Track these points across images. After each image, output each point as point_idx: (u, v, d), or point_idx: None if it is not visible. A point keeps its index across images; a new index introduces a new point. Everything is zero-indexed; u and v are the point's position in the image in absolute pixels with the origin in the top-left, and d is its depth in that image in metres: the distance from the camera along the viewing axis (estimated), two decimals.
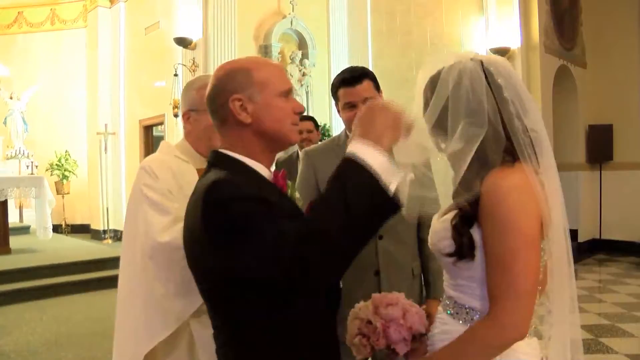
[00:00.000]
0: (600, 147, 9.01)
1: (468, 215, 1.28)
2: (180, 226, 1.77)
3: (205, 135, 1.97)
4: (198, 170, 1.97)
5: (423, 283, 2.34)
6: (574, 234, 8.47)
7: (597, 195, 9.06)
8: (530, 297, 1.24)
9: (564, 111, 8.68)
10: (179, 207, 1.83)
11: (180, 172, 1.94)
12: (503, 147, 1.27)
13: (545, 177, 1.28)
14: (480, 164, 1.28)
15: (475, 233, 1.28)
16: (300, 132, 4.07)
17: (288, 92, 1.33)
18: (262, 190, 1.19)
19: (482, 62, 1.32)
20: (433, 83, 1.35)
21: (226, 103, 1.28)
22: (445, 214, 1.40)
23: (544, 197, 1.25)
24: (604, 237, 9.08)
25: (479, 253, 1.28)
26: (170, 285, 1.76)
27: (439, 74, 1.35)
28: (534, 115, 1.30)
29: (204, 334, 1.78)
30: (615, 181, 8.96)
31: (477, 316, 1.30)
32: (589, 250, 8.78)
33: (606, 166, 9.07)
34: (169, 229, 1.77)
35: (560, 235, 1.29)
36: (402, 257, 2.22)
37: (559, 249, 1.30)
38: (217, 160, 1.31)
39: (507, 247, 1.22)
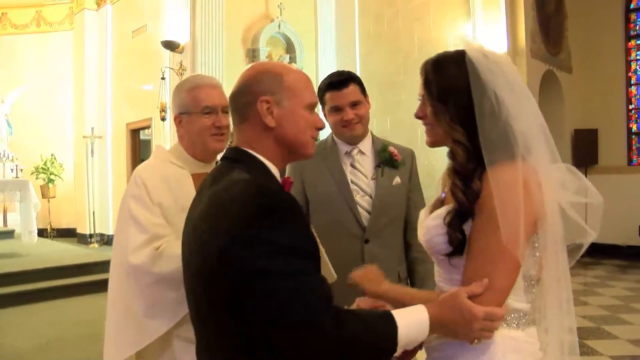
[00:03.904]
0: (585, 151, 9.14)
1: (465, 211, 1.29)
2: (152, 247, 1.74)
3: (199, 139, 1.92)
4: (193, 176, 1.93)
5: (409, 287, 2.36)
6: None
7: None
8: (505, 294, 1.27)
9: (550, 115, 8.77)
10: (160, 223, 1.80)
11: (177, 182, 1.89)
12: (499, 144, 1.28)
13: (540, 175, 1.29)
14: (478, 160, 1.30)
15: (467, 227, 1.30)
16: None
17: (314, 106, 1.34)
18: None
19: (468, 56, 1.34)
20: (435, 65, 1.39)
21: (253, 103, 1.26)
22: (432, 209, 1.42)
23: (540, 194, 1.26)
24: None
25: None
26: (142, 304, 1.75)
27: (443, 57, 1.39)
28: (521, 114, 1.31)
29: (185, 345, 1.78)
30: (601, 185, 8.76)
31: None
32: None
33: (591, 170, 9.17)
34: (142, 250, 1.75)
35: (556, 231, 1.30)
36: (388, 261, 2.24)
37: (554, 245, 1.30)
38: (239, 156, 1.29)
39: (497, 242, 1.23)
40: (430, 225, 1.38)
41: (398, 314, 1.16)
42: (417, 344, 1.19)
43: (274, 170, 1.29)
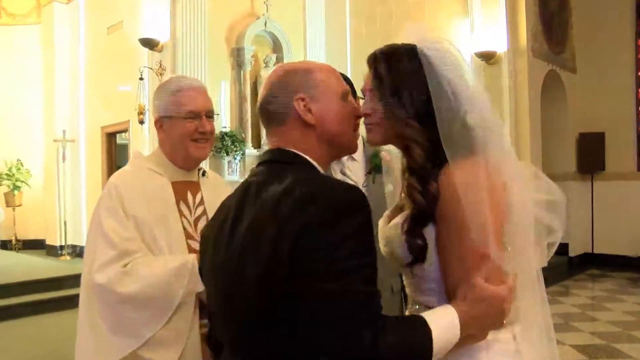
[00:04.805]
0: (591, 156, 9.16)
1: (423, 215, 1.28)
2: (120, 265, 1.76)
3: (181, 145, 1.92)
4: (174, 184, 1.94)
5: (403, 300, 2.36)
6: (564, 248, 8.58)
7: (589, 207, 9.19)
8: None
9: (553, 118, 8.83)
10: (130, 238, 1.80)
11: (155, 191, 1.90)
12: (460, 139, 1.29)
13: (504, 170, 1.30)
14: (434, 159, 1.30)
15: (430, 232, 1.29)
16: None
17: (346, 95, 1.36)
18: None
19: (421, 49, 1.35)
20: (388, 57, 1.39)
21: (289, 102, 1.28)
22: (391, 217, 1.41)
23: (506, 189, 1.27)
24: (596, 251, 9.20)
25: (434, 254, 1.29)
26: (107, 322, 1.77)
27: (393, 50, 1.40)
28: (476, 108, 1.31)
29: None
30: (608, 192, 9.11)
31: None
32: (580, 265, 8.90)
33: (598, 176, 9.22)
34: (108, 267, 1.76)
35: (525, 226, 1.31)
36: (381, 273, 2.23)
37: (524, 242, 1.31)
38: (291, 158, 1.28)
39: (466, 245, 1.23)
40: (390, 236, 1.38)
41: (430, 319, 1.15)
42: (449, 349, 1.18)
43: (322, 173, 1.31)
